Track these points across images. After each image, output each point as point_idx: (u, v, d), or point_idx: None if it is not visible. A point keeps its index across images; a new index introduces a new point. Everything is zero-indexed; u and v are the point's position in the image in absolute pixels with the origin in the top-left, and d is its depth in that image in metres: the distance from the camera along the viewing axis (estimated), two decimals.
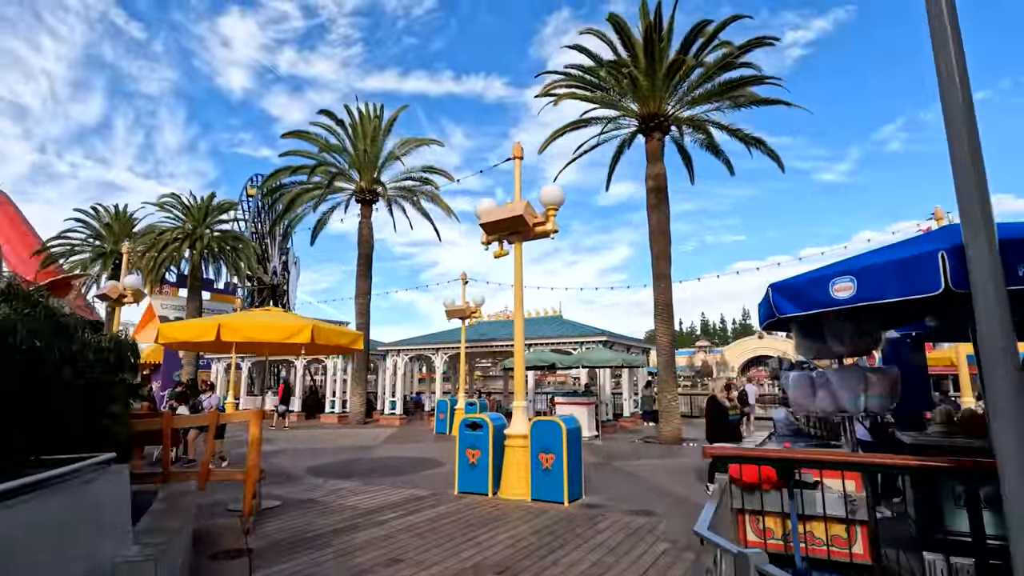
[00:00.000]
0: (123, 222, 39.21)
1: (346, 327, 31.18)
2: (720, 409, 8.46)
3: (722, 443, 7.65)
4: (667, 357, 16.37)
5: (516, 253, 8.88)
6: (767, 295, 3.94)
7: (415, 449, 14.13)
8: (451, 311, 18.74)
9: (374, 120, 23.88)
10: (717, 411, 8.48)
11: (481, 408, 17.88)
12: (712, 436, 8.28)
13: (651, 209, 17.14)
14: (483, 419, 8.39)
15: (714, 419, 8.46)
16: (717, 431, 8.21)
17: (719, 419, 8.46)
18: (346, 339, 7.53)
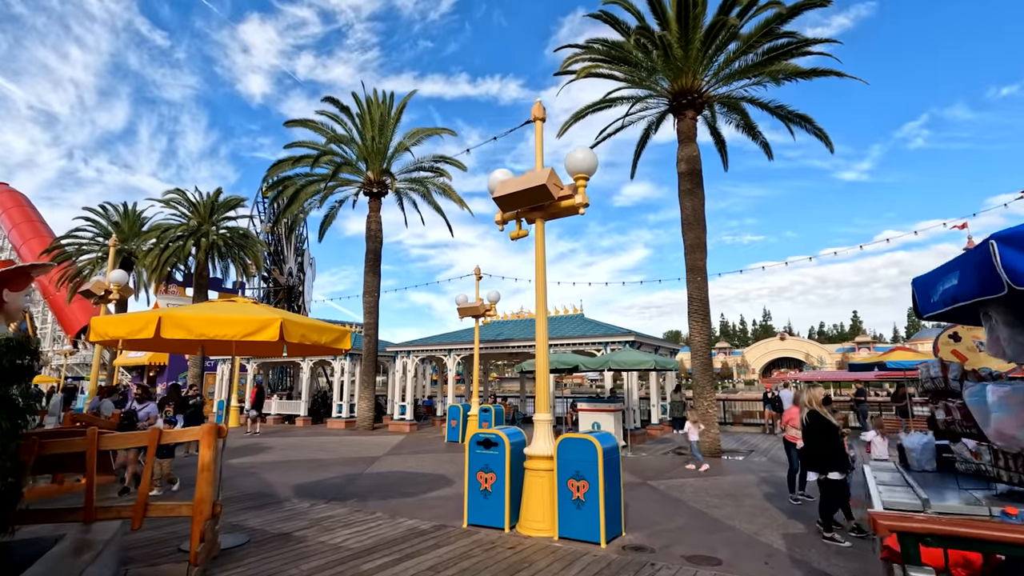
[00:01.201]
0: (131, 220, 38.51)
1: (343, 325, 29.95)
2: (828, 427, 6.28)
3: (834, 472, 5.93)
4: (703, 359, 14.68)
5: (538, 233, 7.35)
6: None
7: (423, 462, 12.65)
8: (464, 309, 17.26)
9: (382, 107, 22.51)
10: (825, 430, 6.30)
11: (496, 415, 16.37)
12: (817, 463, 6.30)
13: (684, 195, 15.47)
14: (497, 435, 6.86)
15: (821, 441, 6.31)
16: (826, 457, 6.21)
17: (828, 441, 6.29)
18: (327, 336, 6.07)
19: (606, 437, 6.52)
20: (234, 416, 23.81)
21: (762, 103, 16.21)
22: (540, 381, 6.92)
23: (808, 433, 6.23)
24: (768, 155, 18.13)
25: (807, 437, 6.27)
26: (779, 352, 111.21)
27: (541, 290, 7.20)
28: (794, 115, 15.92)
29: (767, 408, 19.55)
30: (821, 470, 6.06)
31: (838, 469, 6.01)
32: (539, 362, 7.00)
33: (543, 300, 7.20)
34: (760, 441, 16.84)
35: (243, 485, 9.67)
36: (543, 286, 7.22)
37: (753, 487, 9.62)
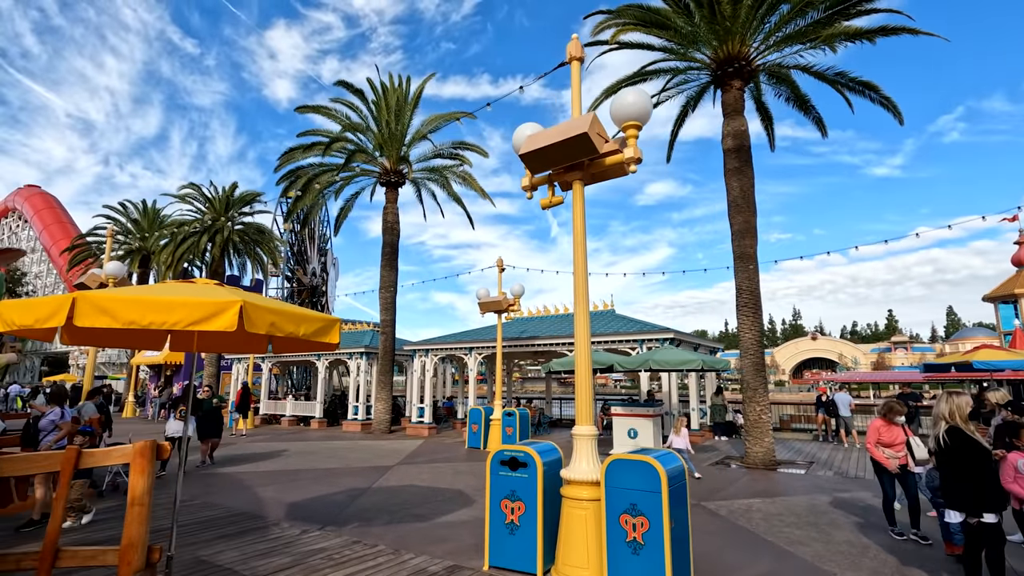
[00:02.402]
0: (150, 218, 38.20)
1: (364, 324, 28.81)
2: (978, 451, 4.52)
3: (990, 514, 4.26)
4: (754, 358, 12.99)
5: (576, 200, 5.87)
6: None
7: (439, 473, 11.26)
8: (485, 304, 15.85)
9: (398, 92, 21.25)
10: (974, 454, 4.53)
11: (521, 419, 14.91)
12: (962, 499, 4.54)
13: (730, 175, 13.79)
14: (527, 453, 5.40)
15: (968, 470, 4.53)
16: (978, 493, 4.45)
17: (979, 470, 4.52)
18: (308, 327, 4.69)
19: (668, 457, 5.00)
20: (248, 417, 22.85)
21: (817, 71, 14.42)
22: (581, 385, 5.44)
23: (948, 458, 4.57)
24: (822, 132, 16.31)
25: (946, 464, 4.61)
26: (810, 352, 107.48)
27: (580, 271, 5.72)
28: (857, 83, 14.09)
29: (820, 412, 17.69)
30: (970, 510, 4.43)
31: (995, 508, 4.38)
32: (579, 361, 5.52)
33: (583, 283, 5.71)
34: (816, 450, 15.04)
35: (231, 502, 8.40)
36: (583, 266, 5.74)
37: (835, 513, 7.97)
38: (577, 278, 5.72)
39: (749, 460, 12.65)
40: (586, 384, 5.42)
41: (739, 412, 18.72)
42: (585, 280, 5.72)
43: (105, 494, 8.82)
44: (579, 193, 5.86)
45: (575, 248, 5.80)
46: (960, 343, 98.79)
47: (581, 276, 5.71)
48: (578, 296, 5.68)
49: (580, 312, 5.62)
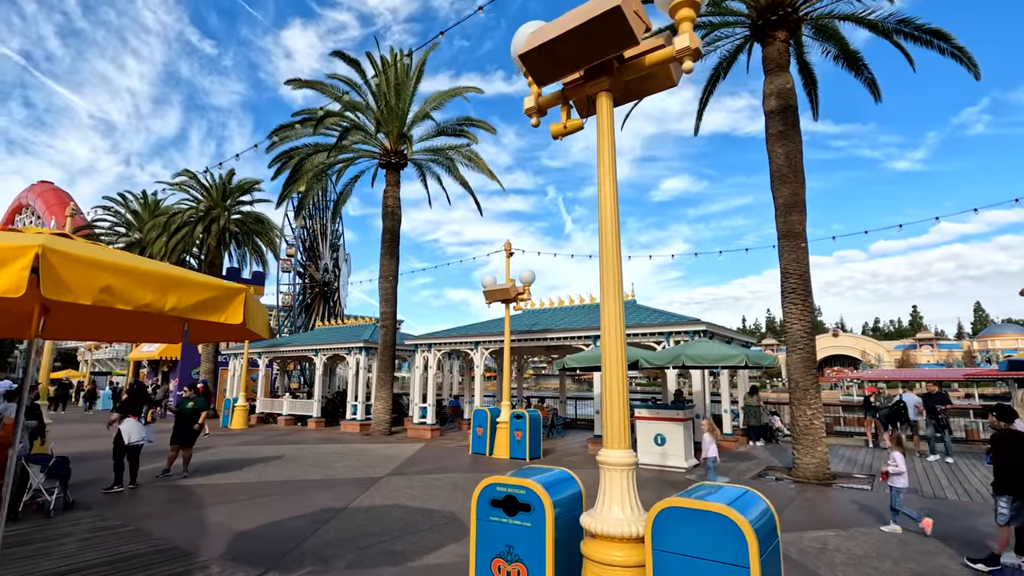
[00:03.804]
0: (151, 209, 36.97)
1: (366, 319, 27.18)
2: None
3: None
4: (804, 353, 11.08)
5: (602, 119, 4.08)
6: None
7: (433, 488, 9.54)
8: (491, 292, 14.10)
9: (399, 65, 19.52)
10: None
11: (532, 422, 13.15)
12: None
13: (774, 140, 11.86)
14: (530, 490, 3.63)
15: None
16: None
17: None
18: (181, 298, 2.95)
19: (748, 502, 3.20)
20: (241, 416, 21.42)
21: (873, 21, 12.42)
22: (612, 390, 3.64)
23: None
24: (875, 96, 14.25)
25: None
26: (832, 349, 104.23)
27: (609, 227, 3.92)
28: (924, 31, 12.05)
29: (869, 416, 15.69)
30: None
31: None
32: (609, 355, 3.72)
33: (614, 245, 3.90)
34: (871, 460, 13.08)
35: (166, 530, 6.75)
36: (612, 220, 3.94)
37: (943, 553, 6.09)
38: (605, 239, 3.92)
39: (799, 473, 10.76)
40: (618, 388, 3.62)
41: (775, 414, 16.79)
42: (616, 241, 3.92)
43: (20, 516, 7.24)
44: (606, 112, 4.06)
45: (602, 195, 4.01)
46: (990, 340, 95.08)
47: (611, 235, 3.92)
48: (607, 264, 3.88)
49: (609, 287, 3.82)
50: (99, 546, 6.07)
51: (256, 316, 3.75)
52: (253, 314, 3.62)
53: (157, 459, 12.54)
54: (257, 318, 3.84)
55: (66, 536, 6.42)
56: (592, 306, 18.09)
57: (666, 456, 11.62)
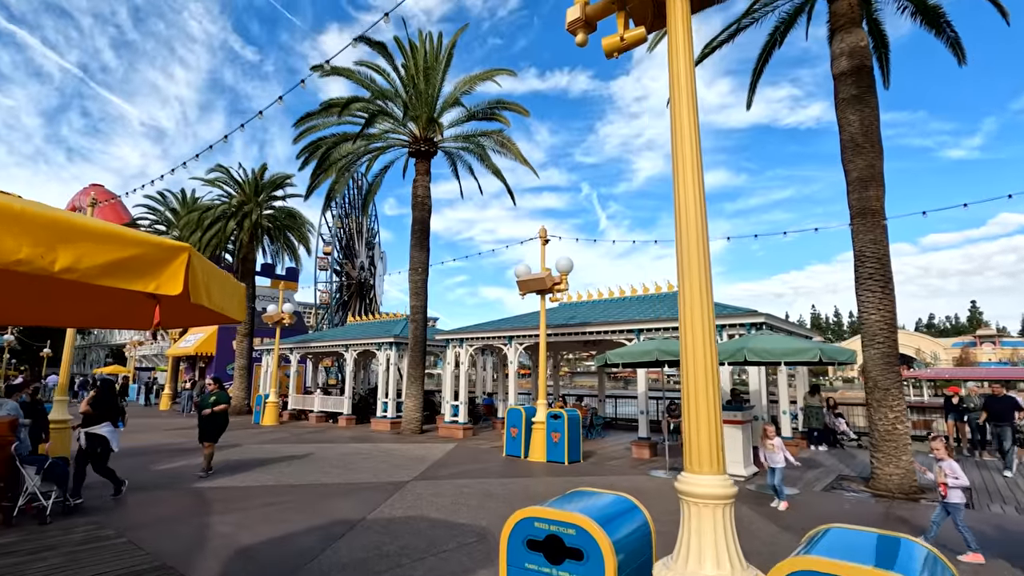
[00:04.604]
0: (188, 207, 37.41)
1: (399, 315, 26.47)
2: None
3: None
4: (885, 348, 9.65)
5: (675, 23, 3.00)
6: None
7: (463, 496, 8.61)
8: (526, 281, 13.10)
9: (427, 48, 18.68)
10: None
11: (571, 422, 12.08)
12: None
13: (845, 106, 10.44)
14: (581, 529, 2.58)
15: None
16: None
17: None
18: (78, 255, 2.09)
19: (915, 554, 2.08)
20: (272, 412, 21.05)
21: None
22: (695, 389, 2.58)
23: None
24: (959, 57, 12.55)
25: None
26: None
27: (688, 162, 2.84)
28: None
29: (950, 419, 13.99)
30: None
31: None
32: (691, 344, 2.66)
33: (695, 184, 2.83)
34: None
35: (163, 542, 6.01)
36: (691, 152, 2.86)
37: None
38: (682, 176, 2.85)
39: (879, 485, 9.37)
40: (706, 388, 2.55)
41: (840, 416, 15.24)
42: (698, 180, 2.84)
43: (15, 521, 6.64)
44: (680, 17, 2.98)
45: (678, 130, 2.93)
46: None
47: (690, 173, 2.84)
48: (686, 207, 2.80)
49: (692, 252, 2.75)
50: (83, 562, 5.36)
51: (215, 289, 2.83)
52: (208, 286, 2.70)
53: (175, 458, 12.07)
54: (219, 292, 2.93)
55: (51, 549, 5.74)
56: (634, 298, 16.85)
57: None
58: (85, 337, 75.24)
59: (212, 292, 2.77)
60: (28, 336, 49.44)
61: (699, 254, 2.69)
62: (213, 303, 2.81)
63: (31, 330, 48.13)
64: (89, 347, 76.45)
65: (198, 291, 2.53)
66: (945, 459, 6.11)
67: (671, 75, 3.02)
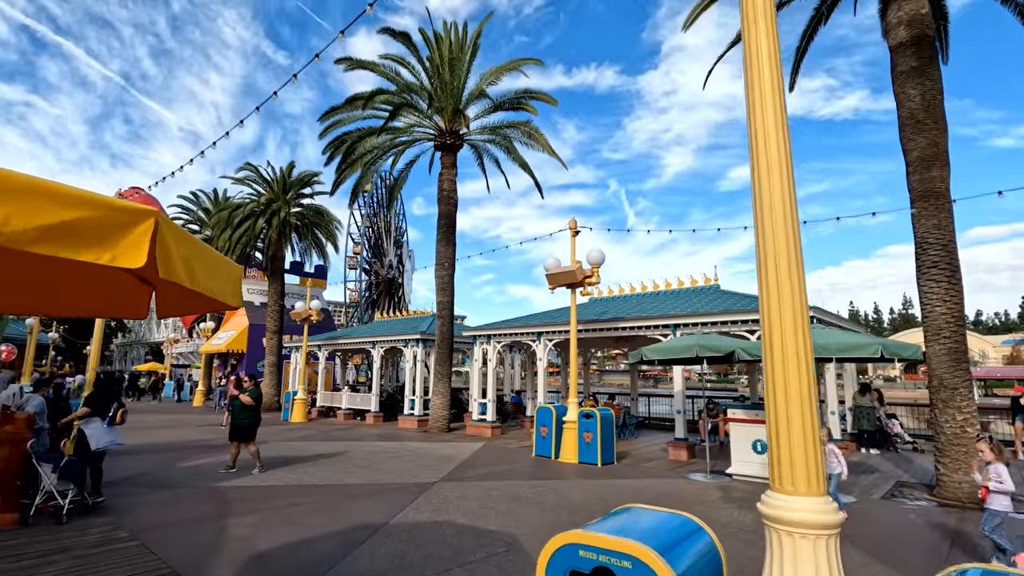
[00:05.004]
0: (220, 205, 37.98)
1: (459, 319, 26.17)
2: None
3: None
4: (952, 344, 8.80)
5: None
6: None
7: (492, 499, 8.15)
8: (555, 275, 12.56)
9: (452, 38, 18.28)
10: None
11: (603, 422, 11.51)
12: None
13: (905, 79, 9.58)
14: (638, 559, 2.05)
15: None
16: None
17: None
18: (8, 214, 1.69)
19: None
20: (301, 409, 21.01)
21: None
22: (784, 384, 2.03)
23: None
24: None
25: None
26: None
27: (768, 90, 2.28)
28: None
29: (1019, 421, 12.91)
30: None
31: None
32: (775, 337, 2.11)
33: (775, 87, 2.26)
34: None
35: (175, 547, 5.71)
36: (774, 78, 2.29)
37: None
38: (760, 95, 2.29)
39: (947, 493, 8.56)
40: (799, 383, 2.00)
41: (892, 417, 14.27)
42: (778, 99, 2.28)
43: (32, 521, 6.45)
44: None
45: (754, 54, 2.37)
46: None
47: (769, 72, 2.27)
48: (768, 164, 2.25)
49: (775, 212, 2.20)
50: (93, 567, 5.08)
51: (200, 268, 2.41)
52: (189, 262, 2.28)
53: (203, 455, 11.94)
54: (206, 272, 2.50)
55: (63, 552, 5.49)
56: (668, 292, 16.13)
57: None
58: (125, 335, 77.72)
59: (195, 271, 2.35)
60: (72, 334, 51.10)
61: (786, 226, 2.14)
62: (198, 283, 2.38)
63: (75, 328, 49.70)
64: (130, 345, 78.87)
65: (171, 266, 2.10)
66: (993, 462, 5.52)
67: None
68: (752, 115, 2.32)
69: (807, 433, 1.93)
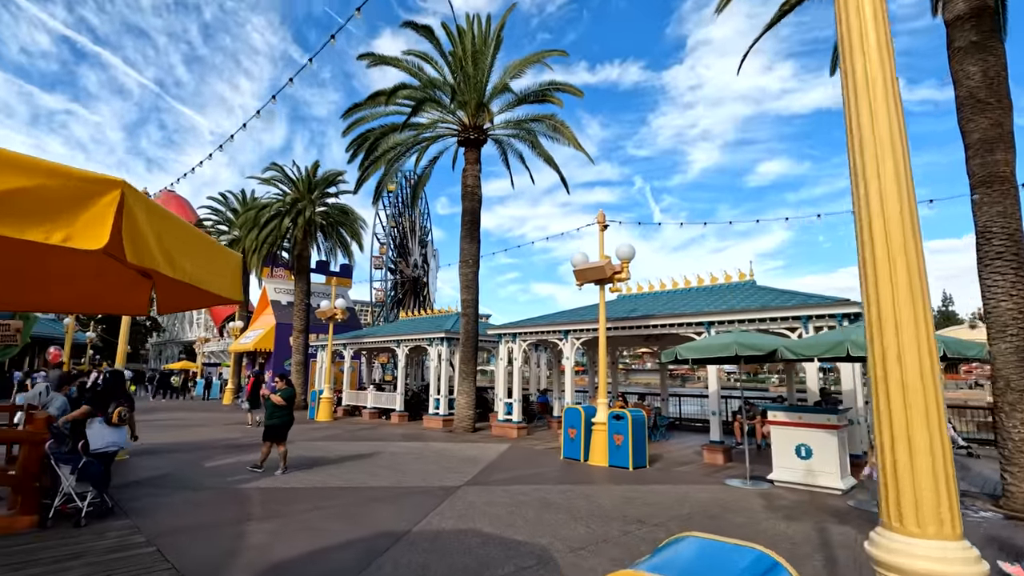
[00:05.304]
0: (247, 205, 38.45)
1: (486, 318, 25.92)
2: None
3: None
4: (1019, 342, 8.07)
5: None
6: None
7: (519, 506, 7.77)
8: (583, 271, 12.11)
9: (475, 31, 17.94)
10: None
11: (635, 423, 11.03)
12: None
13: (963, 56, 8.84)
14: None
15: None
16: None
17: None
18: None
19: None
20: (326, 408, 20.97)
21: None
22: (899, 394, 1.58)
23: None
24: None
25: None
26: None
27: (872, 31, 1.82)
28: None
29: None
30: None
31: None
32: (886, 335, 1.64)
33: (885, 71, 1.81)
34: None
35: (187, 552, 5.47)
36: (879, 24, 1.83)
37: None
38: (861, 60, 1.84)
39: (1015, 505, 7.85)
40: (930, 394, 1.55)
41: (949, 422, 13.37)
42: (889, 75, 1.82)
43: (51, 523, 6.32)
44: None
45: None
46: None
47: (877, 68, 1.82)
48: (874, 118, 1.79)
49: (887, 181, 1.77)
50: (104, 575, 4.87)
51: (183, 255, 2.07)
52: (168, 247, 1.94)
53: (230, 454, 11.85)
54: (193, 260, 2.17)
55: (76, 558, 5.30)
56: (701, 288, 15.50)
57: (814, 473, 9.06)
58: (160, 335, 79.75)
59: (177, 256, 2.01)
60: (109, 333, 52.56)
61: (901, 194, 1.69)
62: (181, 271, 2.05)
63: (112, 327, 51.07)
64: (164, 344, 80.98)
65: (142, 248, 1.76)
66: None
67: None
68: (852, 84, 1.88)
69: (936, 455, 1.49)
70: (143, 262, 1.77)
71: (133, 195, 1.73)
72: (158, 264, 1.88)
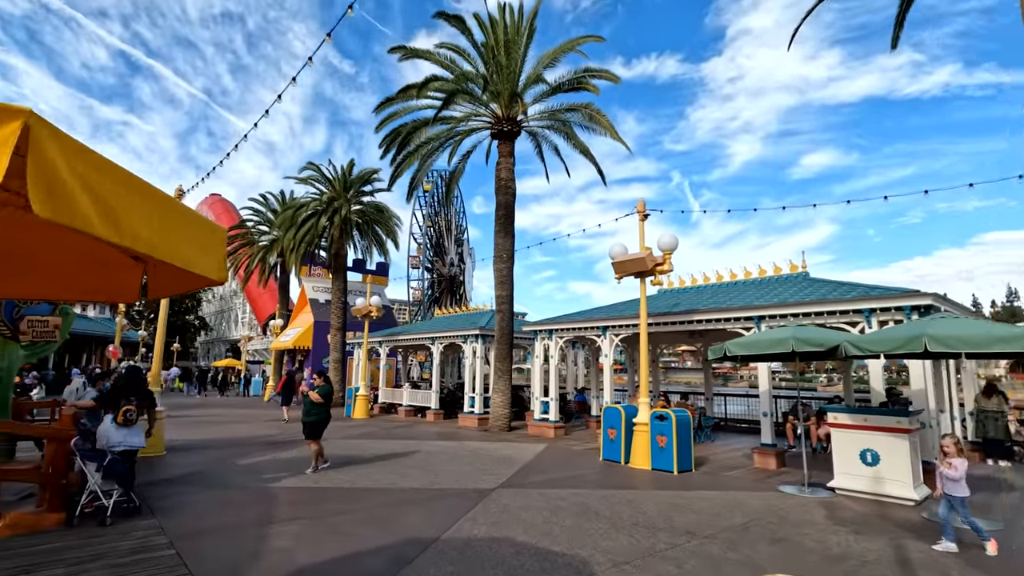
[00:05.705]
0: (287, 205, 39.09)
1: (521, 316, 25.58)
2: None
3: None
4: None
5: None
6: None
7: (557, 512, 7.27)
8: (622, 263, 11.49)
9: (509, 19, 17.47)
10: None
11: (679, 424, 10.36)
12: None
13: None
14: None
15: None
16: None
17: None
18: None
19: None
20: (363, 405, 20.95)
21: None
22: None
23: None
24: None
25: None
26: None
27: None
28: None
29: None
30: None
31: None
32: None
33: None
34: None
35: (209, 556, 5.21)
36: None
37: None
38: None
39: None
40: None
41: (1020, 423, 12.21)
42: None
43: (77, 522, 6.20)
44: None
45: None
46: None
47: None
48: None
49: None
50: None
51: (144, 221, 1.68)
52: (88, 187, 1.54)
53: (266, 452, 11.77)
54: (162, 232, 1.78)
55: (97, 559, 5.11)
56: (748, 281, 14.62)
57: (881, 481, 8.23)
58: (208, 333, 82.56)
59: (121, 215, 1.61)
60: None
61: None
62: (131, 238, 1.65)
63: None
64: (212, 342, 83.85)
65: (60, 201, 1.35)
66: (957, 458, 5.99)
67: None
68: None
69: None
70: (60, 217, 1.37)
71: (46, 127, 1.33)
72: (91, 224, 1.48)
